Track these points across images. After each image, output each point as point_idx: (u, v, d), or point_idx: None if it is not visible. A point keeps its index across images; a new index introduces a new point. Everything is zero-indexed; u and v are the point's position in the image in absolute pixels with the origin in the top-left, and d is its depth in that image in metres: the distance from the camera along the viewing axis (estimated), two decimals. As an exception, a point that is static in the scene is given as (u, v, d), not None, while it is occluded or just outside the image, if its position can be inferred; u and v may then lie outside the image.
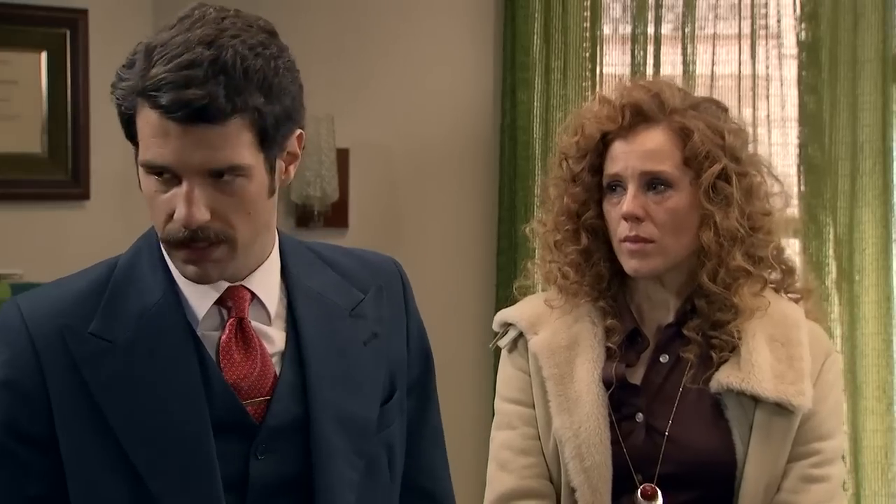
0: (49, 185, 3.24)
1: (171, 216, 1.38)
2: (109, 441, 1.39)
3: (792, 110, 2.99)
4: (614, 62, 3.14)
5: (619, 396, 1.80)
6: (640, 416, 1.78)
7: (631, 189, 1.77)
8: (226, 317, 1.45)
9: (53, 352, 1.40)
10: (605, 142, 1.80)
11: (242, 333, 1.45)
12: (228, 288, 1.45)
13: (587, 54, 3.12)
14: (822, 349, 1.79)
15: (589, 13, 3.09)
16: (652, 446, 1.76)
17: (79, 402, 1.40)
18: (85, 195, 3.29)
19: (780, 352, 1.75)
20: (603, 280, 1.84)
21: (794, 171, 2.96)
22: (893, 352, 2.86)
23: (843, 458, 1.79)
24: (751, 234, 1.77)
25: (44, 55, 3.21)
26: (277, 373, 1.46)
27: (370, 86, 3.32)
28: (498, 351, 2.97)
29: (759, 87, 3.00)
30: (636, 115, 1.78)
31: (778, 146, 2.98)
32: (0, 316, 1.45)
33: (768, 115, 3.00)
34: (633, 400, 1.79)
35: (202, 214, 1.35)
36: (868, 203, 2.90)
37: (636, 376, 1.81)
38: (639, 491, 1.75)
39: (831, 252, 2.93)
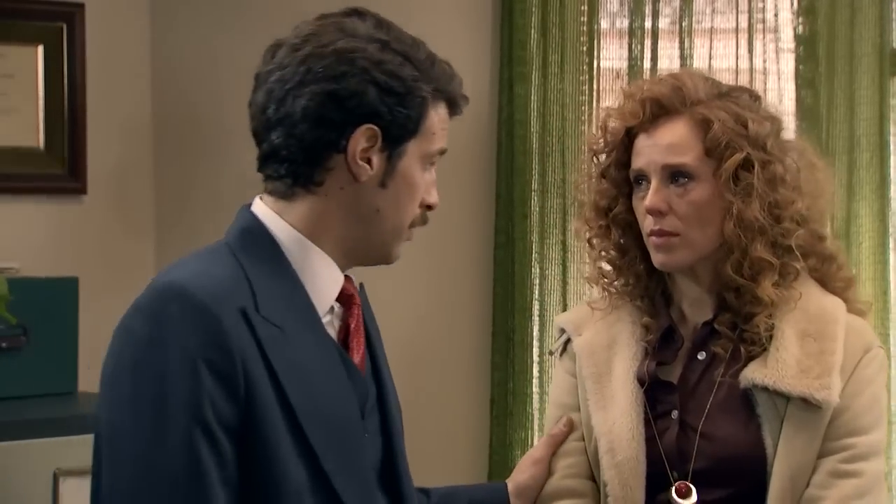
0: (46, 179, 3.24)
1: (428, 206, 1.57)
2: (291, 422, 1.45)
3: (789, 104, 2.99)
4: (612, 56, 3.14)
5: (656, 394, 1.80)
6: (675, 414, 1.78)
7: (654, 183, 1.77)
8: (335, 306, 1.56)
9: (240, 333, 1.43)
10: (630, 137, 1.80)
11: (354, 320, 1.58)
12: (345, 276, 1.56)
13: (584, 48, 3.12)
14: (862, 343, 1.77)
15: (586, 7, 3.09)
16: (686, 443, 1.77)
17: (266, 384, 1.44)
18: (82, 189, 3.29)
19: (811, 347, 1.74)
20: (641, 279, 1.84)
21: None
22: (891, 345, 2.87)
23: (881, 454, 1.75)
24: (775, 224, 1.75)
25: (40, 49, 3.21)
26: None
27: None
28: (497, 346, 2.98)
29: (757, 82, 3.00)
30: (657, 108, 1.78)
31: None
32: (170, 298, 1.44)
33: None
34: (669, 397, 1.80)
35: None
36: (865, 197, 2.90)
37: (674, 374, 1.81)
38: (673, 489, 1.75)
39: (838, 251, 2.93)
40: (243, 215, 1.58)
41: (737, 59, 3.02)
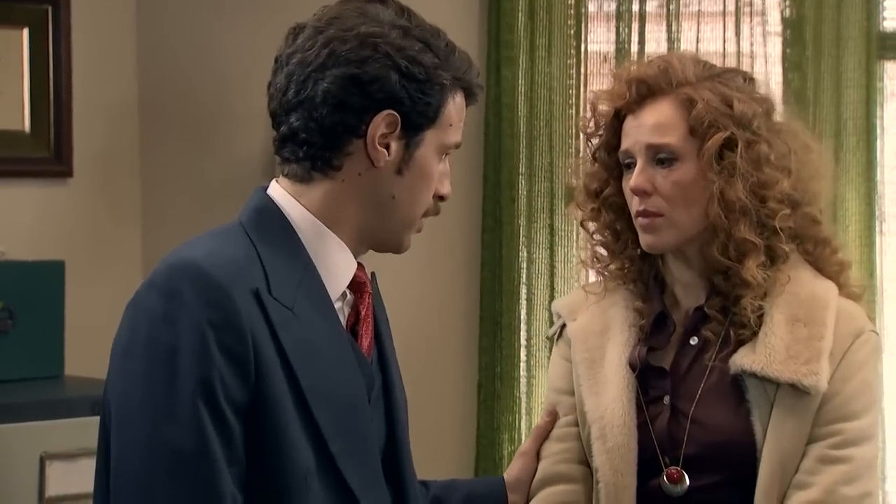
0: (32, 163, 3.23)
1: (440, 197, 1.59)
2: (300, 405, 1.46)
3: (776, 88, 2.98)
4: (599, 39, 3.14)
5: (648, 379, 1.80)
6: (666, 399, 1.78)
7: (639, 163, 1.77)
8: (347, 293, 1.57)
9: (253, 314, 1.44)
10: (619, 119, 1.80)
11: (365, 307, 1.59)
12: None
13: (572, 31, 3.11)
14: (853, 328, 1.76)
15: (574, -10, 3.08)
16: (677, 428, 1.77)
17: (276, 365, 1.44)
18: (68, 172, 3.28)
19: (800, 332, 1.74)
20: (635, 263, 1.85)
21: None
22: (877, 328, 2.87)
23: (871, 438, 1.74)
24: (760, 205, 1.75)
25: (26, 32, 3.20)
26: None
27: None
28: (485, 329, 2.97)
29: (744, 65, 2.99)
30: (644, 89, 1.78)
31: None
32: (185, 276, 1.44)
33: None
34: (661, 383, 1.80)
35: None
36: (851, 180, 2.90)
37: (666, 359, 1.81)
38: (664, 474, 1.75)
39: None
40: (259, 196, 1.57)
41: (724, 42, 3.01)
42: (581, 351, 1.83)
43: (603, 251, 1.86)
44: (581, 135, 1.87)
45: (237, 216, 1.58)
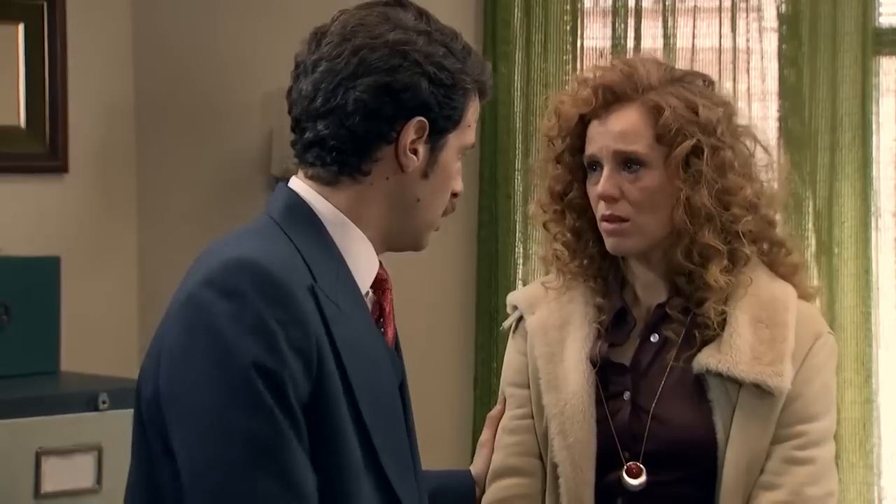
0: (27, 158, 3.22)
1: (455, 194, 1.60)
2: (351, 402, 1.47)
3: (772, 84, 2.99)
4: (595, 35, 3.14)
5: (608, 375, 1.81)
6: (626, 395, 1.79)
7: (606, 169, 1.78)
8: (369, 291, 1.59)
9: (311, 310, 1.45)
10: (584, 123, 1.81)
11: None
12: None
13: (568, 27, 3.12)
14: (812, 330, 1.78)
15: (570, -14, 3.08)
16: (638, 424, 1.78)
17: (332, 362, 1.45)
18: (63, 168, 3.27)
19: (763, 333, 1.75)
20: (595, 261, 1.85)
21: (774, 144, 2.97)
22: (871, 324, 2.88)
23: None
24: (724, 211, 1.76)
25: (21, 27, 3.19)
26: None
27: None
28: (482, 326, 2.98)
29: (740, 61, 3.00)
30: (610, 95, 1.78)
31: (758, 120, 2.98)
32: (245, 273, 1.43)
33: (748, 89, 3.00)
34: (621, 379, 1.80)
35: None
36: (847, 176, 2.91)
37: (626, 355, 1.82)
38: (624, 469, 1.76)
39: (811, 225, 2.94)
40: (287, 192, 1.57)
41: (720, 38, 3.02)
42: (541, 345, 1.84)
43: (563, 250, 1.87)
44: (544, 137, 1.88)
45: (265, 212, 1.57)
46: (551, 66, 3.10)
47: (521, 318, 1.90)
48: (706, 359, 1.75)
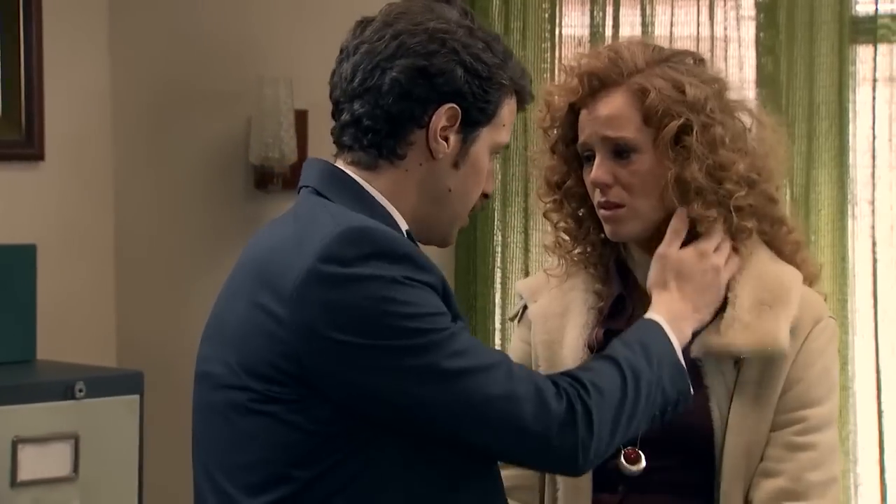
0: (3, 146, 3.21)
1: (485, 194, 1.66)
2: None
3: (749, 72, 2.99)
4: (574, 23, 3.14)
5: None
6: None
7: (598, 156, 1.78)
8: None
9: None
10: (574, 112, 1.81)
11: None
12: None
13: (546, 15, 3.12)
14: (813, 314, 1.77)
15: (548, -26, 3.08)
16: None
17: None
18: (40, 156, 3.26)
19: (766, 314, 1.74)
20: (597, 247, 1.86)
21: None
22: (848, 312, 2.89)
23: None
24: (717, 186, 1.75)
25: (-4, 14, 3.18)
26: None
27: (329, 47, 3.29)
28: (462, 312, 2.92)
29: (718, 49, 3.00)
30: (596, 82, 1.78)
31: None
32: (368, 237, 1.50)
33: (726, 77, 3.01)
34: None
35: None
36: (824, 164, 2.91)
37: None
38: (622, 454, 1.76)
39: (787, 213, 2.94)
40: (335, 173, 1.61)
41: (698, 26, 3.02)
42: (541, 332, 1.85)
43: (566, 237, 1.87)
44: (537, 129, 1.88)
45: (310, 193, 1.60)
46: (530, 53, 3.10)
47: (525, 307, 1.90)
48: (705, 340, 1.74)
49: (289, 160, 3.32)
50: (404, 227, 1.60)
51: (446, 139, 1.58)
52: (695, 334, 1.75)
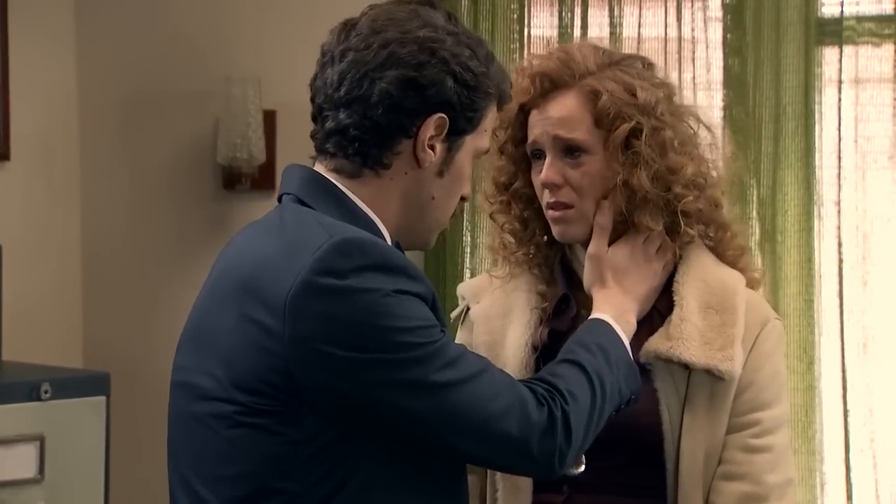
0: (-32, 146, 3.18)
1: (463, 198, 1.65)
2: None
3: (717, 73, 3.01)
4: (542, 24, 3.15)
5: (548, 361, 1.81)
6: None
7: (548, 157, 1.79)
8: None
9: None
10: (525, 113, 1.81)
11: None
12: None
13: (515, 16, 3.12)
14: (759, 317, 1.78)
15: (517, -25, 3.09)
16: None
17: None
18: (5, 155, 3.24)
19: (713, 319, 1.75)
20: (542, 249, 1.86)
21: (718, 133, 2.99)
22: (814, 311, 2.91)
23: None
24: (665, 192, 1.76)
25: (-39, 13, 3.15)
26: None
27: (297, 47, 3.29)
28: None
29: (685, 50, 3.01)
30: (548, 83, 1.79)
31: (703, 109, 3.00)
32: (361, 250, 1.49)
33: (694, 78, 3.02)
34: None
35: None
36: (791, 165, 2.93)
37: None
38: None
39: (755, 213, 2.96)
40: (318, 180, 1.59)
41: (665, 27, 3.03)
42: (483, 333, 1.85)
43: (511, 238, 1.88)
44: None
45: (292, 200, 1.58)
46: (498, 54, 3.08)
47: (468, 309, 1.91)
48: (655, 345, 1.75)
49: (257, 160, 3.31)
50: (388, 235, 1.60)
51: (433, 148, 1.58)
52: (643, 331, 1.76)
